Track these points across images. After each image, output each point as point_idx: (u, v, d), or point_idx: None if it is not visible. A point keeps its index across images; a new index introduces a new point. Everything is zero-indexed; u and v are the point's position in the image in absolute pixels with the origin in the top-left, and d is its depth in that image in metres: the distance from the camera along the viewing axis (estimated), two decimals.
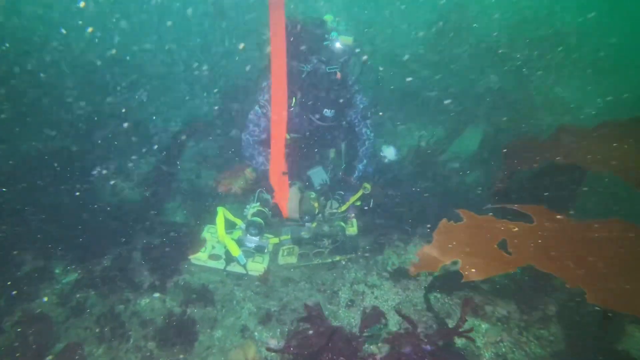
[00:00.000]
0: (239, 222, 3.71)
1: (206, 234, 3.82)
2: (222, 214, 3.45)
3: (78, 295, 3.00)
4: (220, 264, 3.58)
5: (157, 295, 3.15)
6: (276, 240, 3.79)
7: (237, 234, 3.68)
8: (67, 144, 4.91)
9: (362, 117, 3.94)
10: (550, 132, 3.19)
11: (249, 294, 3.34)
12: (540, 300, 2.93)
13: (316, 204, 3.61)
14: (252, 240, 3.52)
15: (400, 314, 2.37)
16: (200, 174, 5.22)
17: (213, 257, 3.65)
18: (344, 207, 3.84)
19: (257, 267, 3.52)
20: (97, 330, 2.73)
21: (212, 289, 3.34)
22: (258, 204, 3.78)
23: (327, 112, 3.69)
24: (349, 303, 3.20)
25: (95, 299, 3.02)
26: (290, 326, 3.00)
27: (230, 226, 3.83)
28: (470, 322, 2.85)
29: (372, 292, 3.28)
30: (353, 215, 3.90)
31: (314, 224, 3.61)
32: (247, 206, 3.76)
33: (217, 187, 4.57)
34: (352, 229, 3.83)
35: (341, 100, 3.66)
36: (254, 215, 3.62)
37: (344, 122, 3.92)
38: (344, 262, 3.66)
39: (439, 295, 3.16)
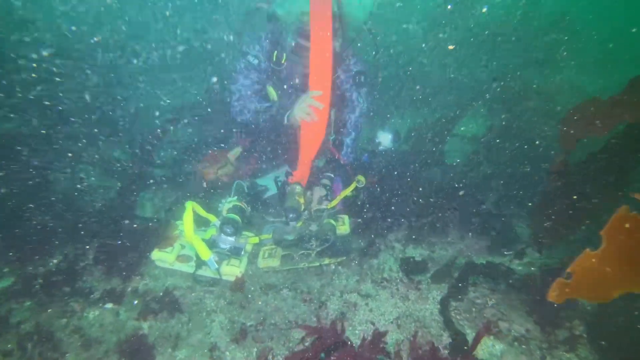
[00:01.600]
0: (213, 219, 3.20)
1: (176, 231, 3.31)
2: (190, 209, 2.93)
3: (6, 307, 2.46)
4: (189, 267, 3.07)
5: (109, 305, 2.63)
6: (256, 239, 3.29)
7: (211, 232, 3.17)
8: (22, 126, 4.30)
9: (354, 81, 3.48)
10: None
11: (222, 303, 2.84)
12: (563, 316, 2.49)
13: (302, 200, 3.11)
14: (227, 241, 3.01)
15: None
16: (181, 161, 4.63)
17: (182, 258, 3.14)
18: (333, 203, 3.36)
19: (232, 271, 3.02)
20: (19, 354, 2.19)
21: (178, 297, 2.83)
22: (235, 198, 3.28)
23: None
24: (339, 316, 2.72)
25: (29, 312, 2.48)
26: (269, 343, 2.52)
27: (203, 224, 3.33)
28: (482, 342, 2.40)
29: (367, 304, 2.80)
30: (341, 207, 3.42)
31: (300, 223, 3.12)
32: (222, 200, 3.25)
33: (198, 175, 4.02)
34: (343, 227, 3.35)
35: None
36: (229, 211, 3.11)
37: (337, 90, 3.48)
38: (333, 266, 3.18)
39: (450, 308, 2.70)
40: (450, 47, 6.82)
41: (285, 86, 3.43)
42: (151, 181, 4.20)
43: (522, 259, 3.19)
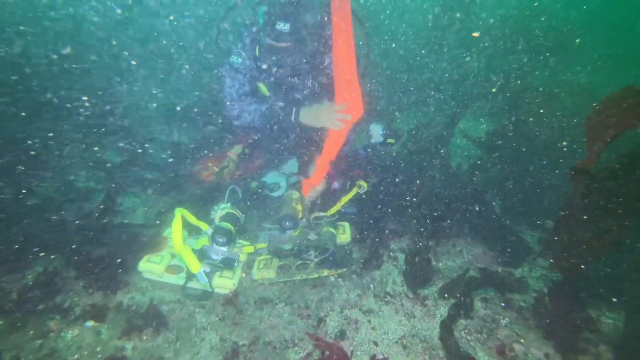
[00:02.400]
0: (205, 227, 2.99)
1: (166, 239, 3.10)
2: (180, 217, 2.73)
3: None
4: (179, 279, 2.87)
5: (89, 324, 2.42)
6: (251, 249, 3.08)
7: (202, 242, 2.96)
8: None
9: None
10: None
11: (213, 319, 2.64)
12: (586, 338, 2.28)
13: (299, 207, 2.90)
14: (219, 251, 2.80)
15: None
16: (177, 162, 4.40)
17: (172, 269, 2.94)
18: (333, 210, 3.15)
19: (225, 283, 2.82)
20: None
21: (165, 313, 2.63)
22: (229, 204, 3.06)
23: (282, 25, 2.93)
24: (338, 334, 2.52)
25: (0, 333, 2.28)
26: None
27: (195, 231, 3.13)
28: None
29: (369, 321, 2.60)
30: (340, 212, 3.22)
31: (297, 232, 2.90)
32: (215, 207, 3.04)
33: (196, 176, 3.80)
34: (343, 236, 3.15)
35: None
36: (222, 219, 2.90)
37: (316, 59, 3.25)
38: (333, 278, 2.97)
39: (452, 326, 2.49)
40: (475, 34, 6.59)
41: (272, 79, 3.27)
42: (142, 184, 4.00)
43: (535, 272, 2.99)
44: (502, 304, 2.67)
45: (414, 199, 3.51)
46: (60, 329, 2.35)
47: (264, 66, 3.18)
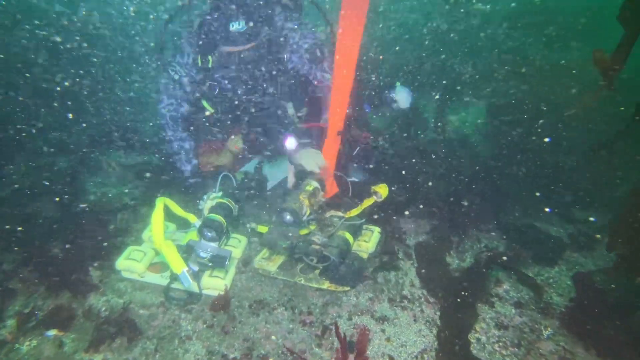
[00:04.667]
0: (193, 219, 2.61)
1: (148, 232, 2.72)
2: (161, 207, 2.33)
3: None
4: (163, 279, 2.49)
5: (52, 332, 2.04)
6: (245, 240, 2.72)
7: (190, 236, 2.58)
8: None
9: (310, 58, 2.89)
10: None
11: (200, 327, 2.25)
12: None
13: (307, 202, 2.46)
14: (209, 248, 2.41)
15: None
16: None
17: (155, 267, 2.57)
18: (353, 212, 2.66)
19: (215, 284, 2.44)
20: None
21: (145, 319, 2.25)
22: (220, 193, 2.67)
23: (235, 25, 2.64)
24: (347, 346, 2.12)
25: None
26: None
27: (184, 225, 2.75)
28: None
29: (382, 330, 2.20)
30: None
31: (307, 230, 2.49)
32: (204, 196, 2.64)
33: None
34: (365, 245, 2.64)
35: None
36: (212, 210, 2.51)
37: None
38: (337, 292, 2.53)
39: (484, 339, 2.09)
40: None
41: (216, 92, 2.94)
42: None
43: (573, 270, 2.58)
44: (541, 311, 2.25)
45: (433, 188, 3.11)
46: (16, 338, 1.98)
47: (207, 82, 2.87)
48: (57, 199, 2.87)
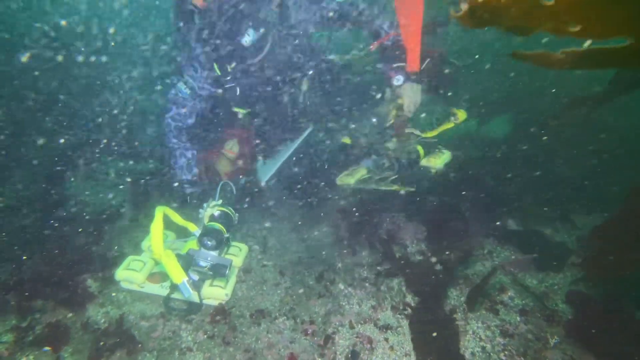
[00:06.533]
0: (193, 228, 2.59)
1: (147, 242, 2.69)
2: (161, 216, 2.30)
3: None
4: (162, 289, 2.46)
5: (47, 348, 2.01)
6: (246, 248, 2.70)
7: (190, 245, 2.55)
8: None
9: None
10: None
11: (201, 338, 2.22)
12: None
13: (394, 112, 2.58)
14: (209, 257, 2.38)
15: None
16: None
17: (155, 277, 2.54)
18: (431, 133, 2.74)
19: (216, 293, 2.41)
20: None
21: (145, 331, 2.22)
22: (220, 201, 2.65)
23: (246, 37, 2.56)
24: (350, 356, 2.09)
25: None
26: None
27: (184, 233, 2.72)
28: None
29: (386, 339, 2.16)
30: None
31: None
32: (204, 205, 2.62)
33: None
34: (434, 161, 2.72)
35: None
36: (212, 219, 2.49)
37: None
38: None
39: (489, 347, 2.05)
40: None
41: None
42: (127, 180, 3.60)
43: (578, 275, 2.55)
44: (546, 317, 2.22)
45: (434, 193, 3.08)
46: (12, 354, 1.95)
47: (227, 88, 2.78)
48: (52, 207, 2.84)
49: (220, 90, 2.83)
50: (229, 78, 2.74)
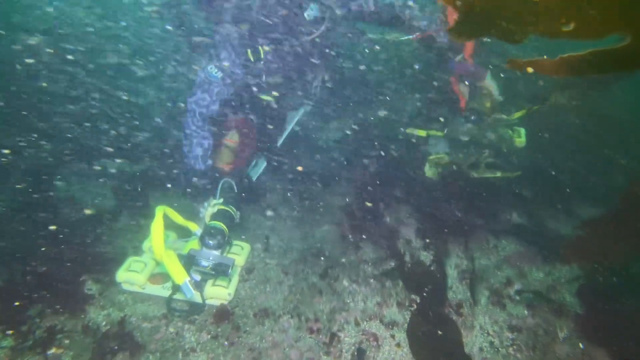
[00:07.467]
0: (194, 227, 2.55)
1: (148, 243, 2.66)
2: (161, 216, 2.27)
3: None
4: (164, 290, 2.43)
5: (51, 351, 1.98)
6: (248, 247, 2.68)
7: (192, 245, 2.52)
8: None
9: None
10: None
11: (205, 338, 2.19)
12: None
13: (488, 103, 2.87)
14: (211, 256, 2.34)
15: None
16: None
17: (156, 278, 2.50)
18: (517, 114, 2.98)
19: (219, 293, 2.37)
20: None
21: (147, 332, 2.19)
22: (221, 200, 2.61)
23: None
24: (356, 354, 2.06)
25: None
26: None
27: (185, 233, 2.68)
28: None
29: (392, 336, 2.13)
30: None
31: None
32: (205, 203, 2.59)
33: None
34: (518, 140, 2.94)
35: None
36: (213, 217, 2.45)
37: None
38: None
39: (497, 342, 2.02)
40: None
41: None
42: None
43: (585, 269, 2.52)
44: (554, 311, 2.19)
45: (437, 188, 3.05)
46: (14, 359, 1.91)
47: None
48: (49, 208, 2.81)
49: (256, 75, 2.76)
50: (262, 62, 2.68)
